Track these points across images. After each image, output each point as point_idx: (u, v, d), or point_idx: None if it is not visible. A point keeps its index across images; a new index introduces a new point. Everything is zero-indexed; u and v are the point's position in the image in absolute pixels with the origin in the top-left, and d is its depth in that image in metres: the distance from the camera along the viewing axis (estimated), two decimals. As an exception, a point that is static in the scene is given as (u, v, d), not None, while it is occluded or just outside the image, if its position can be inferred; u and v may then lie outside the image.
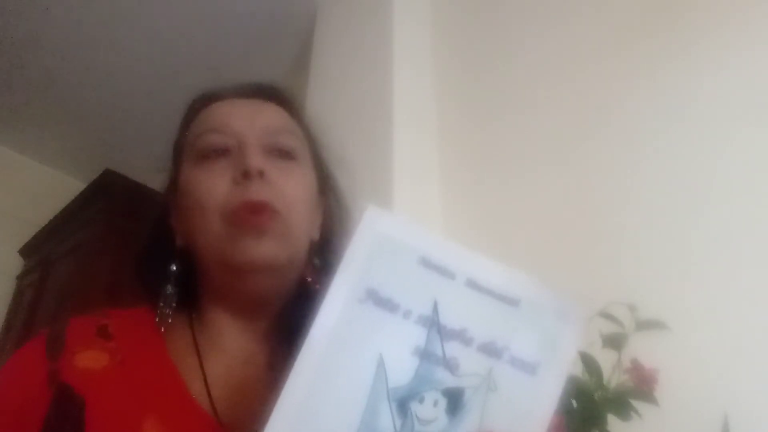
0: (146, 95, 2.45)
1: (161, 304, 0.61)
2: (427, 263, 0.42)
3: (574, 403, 0.77)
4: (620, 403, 0.74)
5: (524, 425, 0.42)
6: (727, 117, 0.97)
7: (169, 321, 0.60)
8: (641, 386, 0.75)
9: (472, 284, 0.43)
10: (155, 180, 0.72)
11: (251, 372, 0.59)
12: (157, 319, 0.60)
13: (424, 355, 0.41)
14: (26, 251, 2.74)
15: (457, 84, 1.48)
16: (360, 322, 0.40)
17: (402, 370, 0.40)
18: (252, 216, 0.57)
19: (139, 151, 2.72)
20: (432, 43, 1.57)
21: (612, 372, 0.77)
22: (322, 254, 0.66)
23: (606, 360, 0.79)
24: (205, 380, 0.56)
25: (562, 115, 1.22)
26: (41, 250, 2.60)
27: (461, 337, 0.42)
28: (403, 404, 0.40)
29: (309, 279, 0.63)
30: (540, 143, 1.24)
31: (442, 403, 0.41)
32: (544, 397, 0.43)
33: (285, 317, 0.62)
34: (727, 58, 1.01)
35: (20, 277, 2.69)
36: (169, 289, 0.61)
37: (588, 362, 0.79)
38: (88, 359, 0.53)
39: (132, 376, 0.54)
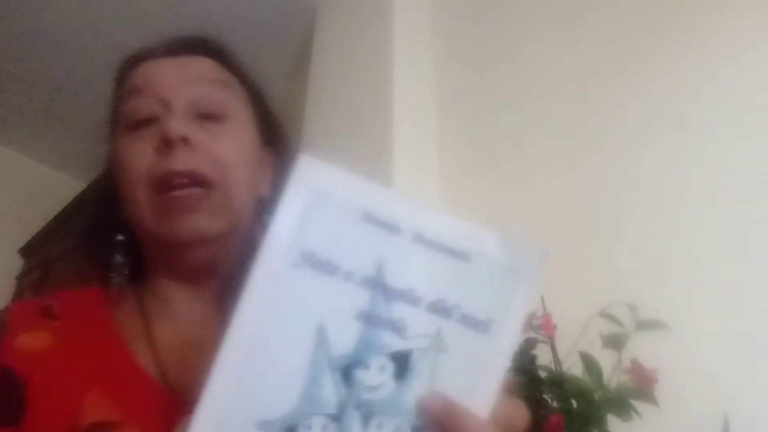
0: (146, 95, 2.45)
1: (113, 274, 0.59)
2: (369, 218, 0.38)
3: (574, 403, 0.77)
4: (620, 403, 0.75)
5: (476, 385, 0.40)
6: (729, 118, 0.98)
7: (123, 290, 0.59)
8: (641, 386, 0.75)
9: (420, 239, 0.39)
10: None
11: (203, 335, 0.56)
12: (110, 290, 0.59)
13: (369, 318, 0.38)
14: (26, 251, 2.74)
15: (457, 83, 1.48)
16: (295, 289, 0.37)
17: (345, 336, 0.38)
18: (179, 193, 0.53)
19: (139, 151, 2.71)
20: (432, 42, 1.57)
21: (612, 372, 0.77)
22: (273, 210, 0.63)
23: (606, 360, 0.79)
24: (154, 347, 0.54)
25: (563, 113, 1.22)
26: (41, 250, 2.60)
27: (408, 297, 0.39)
28: (347, 372, 0.38)
29: (259, 237, 0.58)
30: (540, 142, 1.24)
31: (390, 367, 0.38)
32: (497, 355, 0.41)
33: (235, 279, 0.58)
34: (730, 59, 1.01)
35: (20, 277, 2.69)
36: (118, 258, 0.59)
37: (588, 362, 0.79)
38: (31, 340, 0.52)
39: (77, 352, 0.52)
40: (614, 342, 0.78)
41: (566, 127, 1.20)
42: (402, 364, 0.39)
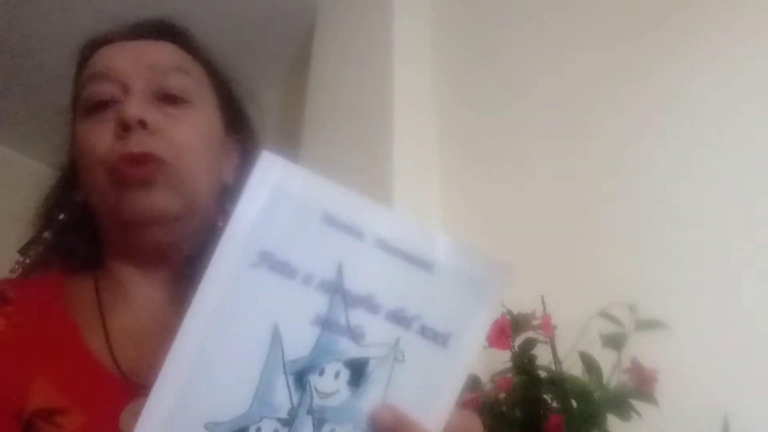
0: (146, 95, 2.45)
1: (31, 246, 0.60)
2: (331, 221, 0.37)
3: (574, 403, 0.77)
4: (620, 403, 0.75)
5: (432, 398, 0.39)
6: (730, 118, 0.97)
7: (79, 274, 0.59)
8: (641, 386, 0.75)
9: (382, 244, 0.38)
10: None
11: (158, 321, 0.56)
12: (66, 275, 0.59)
13: (326, 324, 0.37)
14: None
15: (457, 82, 1.48)
16: (252, 290, 0.36)
17: (301, 341, 0.37)
18: (134, 168, 0.53)
19: (139, 151, 2.71)
20: (432, 41, 1.57)
21: (612, 372, 0.77)
22: (236, 197, 0.62)
23: (606, 360, 0.79)
24: (106, 333, 0.54)
25: (563, 113, 1.22)
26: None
27: (368, 303, 0.38)
28: (301, 377, 0.37)
29: (220, 224, 0.58)
30: (541, 142, 1.24)
31: (345, 374, 0.38)
32: (455, 370, 0.40)
33: (194, 264, 0.57)
34: (730, 54, 1.01)
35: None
36: (47, 234, 0.60)
37: (588, 362, 0.79)
38: None
39: (27, 338, 0.52)
40: (614, 342, 0.78)
41: (567, 126, 1.20)
42: (357, 371, 0.38)
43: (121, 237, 0.58)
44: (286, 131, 1.77)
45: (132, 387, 0.50)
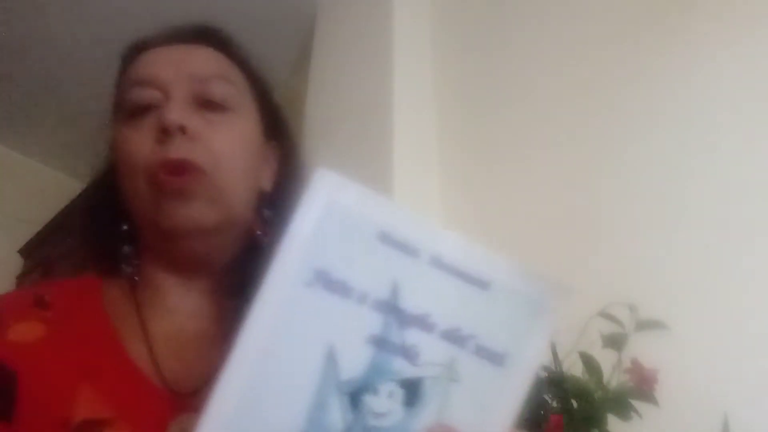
0: (146, 95, 2.45)
1: (123, 266, 0.58)
2: (386, 239, 0.37)
3: (574, 403, 0.77)
4: (620, 403, 0.75)
5: (487, 419, 0.39)
6: (730, 118, 0.97)
7: (136, 279, 0.58)
8: (641, 386, 0.75)
9: (438, 263, 0.38)
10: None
11: (199, 329, 0.56)
12: (107, 280, 0.58)
13: (381, 343, 0.37)
14: (26, 251, 2.74)
15: (457, 81, 1.48)
16: (307, 309, 0.36)
17: (355, 360, 0.36)
18: (173, 178, 0.53)
19: (139, 151, 2.71)
20: (432, 41, 1.57)
21: (612, 372, 0.77)
22: (275, 205, 0.61)
23: (606, 360, 0.79)
24: (148, 342, 0.53)
25: (564, 113, 1.22)
26: (41, 250, 2.60)
27: (423, 323, 0.38)
28: (355, 397, 0.36)
29: (258, 233, 0.59)
30: (541, 142, 1.23)
31: (399, 394, 0.37)
32: (511, 390, 0.39)
33: (233, 272, 0.58)
34: (732, 53, 1.01)
35: (20, 277, 2.69)
36: (126, 249, 0.59)
37: (588, 362, 0.79)
38: (22, 332, 0.51)
39: (69, 344, 0.51)
40: (614, 342, 0.78)
41: (567, 126, 1.20)
42: (412, 391, 0.38)
43: (159, 245, 0.58)
44: (286, 131, 1.76)
45: (175, 398, 0.50)
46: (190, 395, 0.50)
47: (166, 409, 0.49)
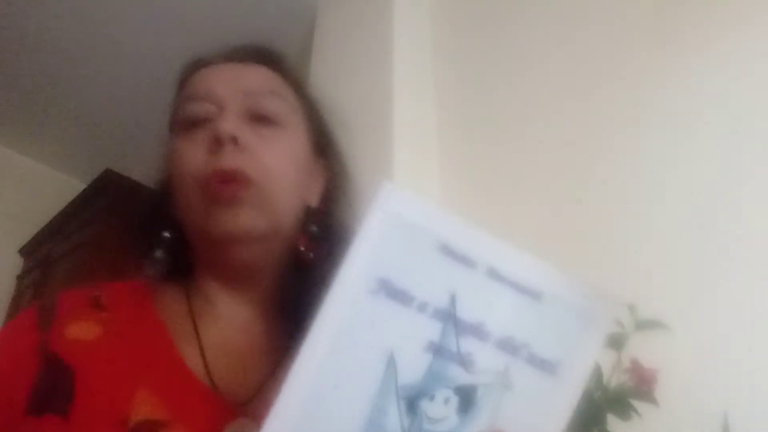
0: (146, 95, 2.45)
1: (147, 268, 0.60)
2: (446, 250, 0.39)
3: (574, 403, 0.77)
4: (620, 403, 0.74)
5: (540, 426, 0.40)
6: (731, 118, 0.97)
7: (171, 286, 0.60)
8: (641, 386, 0.74)
9: (494, 274, 0.40)
10: (155, 180, 0.71)
11: (247, 339, 0.58)
12: (155, 284, 0.60)
13: (438, 350, 0.38)
14: (26, 251, 2.74)
15: (457, 82, 1.48)
16: (370, 316, 0.37)
17: (413, 366, 0.38)
18: (223, 186, 0.55)
19: (139, 151, 2.71)
20: (432, 41, 1.57)
21: (612, 372, 0.77)
22: (321, 221, 0.64)
23: (606, 360, 0.79)
24: (201, 348, 0.55)
25: (563, 114, 1.22)
26: (41, 250, 2.60)
27: (478, 331, 0.39)
28: (412, 402, 0.38)
29: (302, 248, 0.61)
30: (541, 142, 1.24)
31: (454, 401, 0.39)
32: (563, 398, 0.40)
33: (279, 286, 0.60)
34: (733, 60, 1.01)
35: (20, 277, 2.69)
36: (158, 253, 0.60)
37: (588, 362, 0.79)
38: (80, 330, 0.53)
39: (125, 346, 0.53)
40: (614, 342, 0.78)
41: (566, 127, 1.20)
42: (467, 398, 0.39)
43: (209, 253, 0.60)
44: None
45: (227, 404, 0.51)
46: (241, 403, 0.52)
47: (219, 415, 0.50)
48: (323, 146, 0.68)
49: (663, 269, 0.95)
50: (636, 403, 0.74)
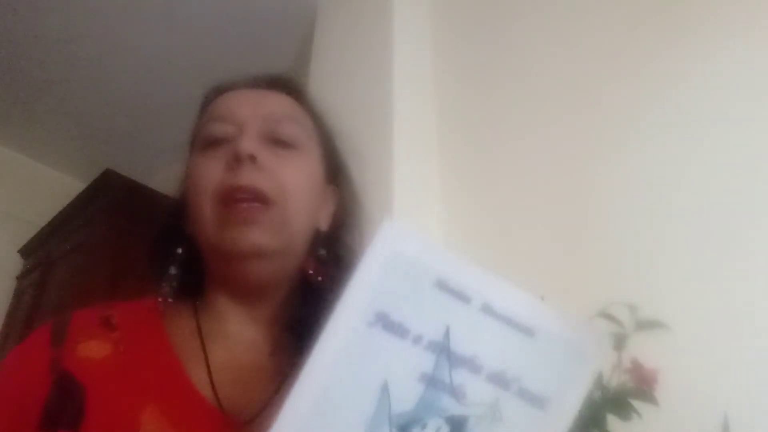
0: (146, 95, 2.45)
1: (162, 284, 0.62)
2: (442, 286, 0.40)
3: (574, 403, 0.77)
4: (620, 403, 0.74)
5: None
6: (730, 116, 0.97)
7: (170, 300, 0.61)
8: (641, 386, 0.74)
9: (488, 310, 0.41)
10: (155, 180, 0.72)
11: (253, 358, 0.59)
12: (158, 299, 0.61)
13: (431, 381, 0.40)
14: (26, 251, 2.74)
15: (456, 82, 1.48)
16: (367, 347, 0.39)
17: (407, 395, 0.40)
18: (240, 203, 0.57)
19: (139, 151, 2.72)
20: (432, 42, 1.57)
21: (612, 372, 0.77)
22: (330, 246, 0.66)
23: (606, 360, 0.79)
24: (208, 367, 0.56)
25: (562, 114, 1.22)
26: (41, 250, 2.60)
27: (471, 364, 0.41)
28: (405, 430, 0.39)
29: (310, 271, 0.63)
30: (540, 142, 1.24)
31: (445, 430, 0.40)
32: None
33: (287, 307, 0.62)
34: (731, 57, 1.01)
35: (20, 277, 2.69)
36: (172, 269, 0.62)
37: (588, 362, 0.79)
38: (91, 349, 0.54)
39: (134, 365, 0.54)
40: (614, 342, 0.78)
41: (566, 127, 1.20)
42: (458, 428, 0.40)
43: (221, 268, 0.62)
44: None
45: (232, 423, 0.53)
46: (246, 422, 0.53)
47: None
48: (336, 173, 0.71)
49: (663, 269, 0.95)
50: (636, 403, 0.74)
